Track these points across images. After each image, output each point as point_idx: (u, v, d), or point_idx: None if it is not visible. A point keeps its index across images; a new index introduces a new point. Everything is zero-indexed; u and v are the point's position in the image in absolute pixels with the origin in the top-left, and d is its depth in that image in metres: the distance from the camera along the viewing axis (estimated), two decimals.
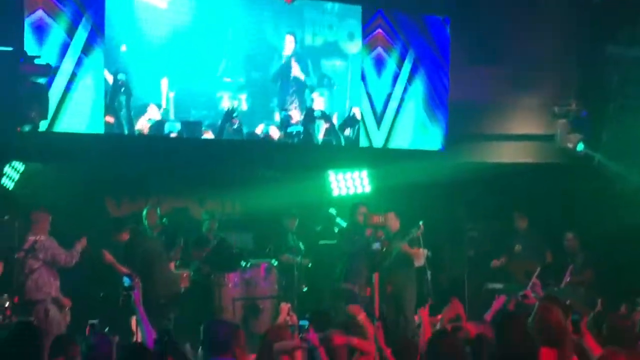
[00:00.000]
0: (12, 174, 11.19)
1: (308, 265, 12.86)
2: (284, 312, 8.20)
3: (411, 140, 13.72)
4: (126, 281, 10.21)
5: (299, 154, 12.95)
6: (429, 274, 11.82)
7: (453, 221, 13.60)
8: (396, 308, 11.68)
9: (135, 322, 9.71)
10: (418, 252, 11.72)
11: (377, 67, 13.47)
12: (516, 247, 13.12)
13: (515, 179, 13.13)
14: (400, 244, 11.75)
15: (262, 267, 12.29)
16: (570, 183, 13.11)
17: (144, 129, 11.90)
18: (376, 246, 11.64)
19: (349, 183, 13.41)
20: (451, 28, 13.80)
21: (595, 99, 13.33)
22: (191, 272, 12.07)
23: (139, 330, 7.21)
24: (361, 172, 13.43)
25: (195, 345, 7.36)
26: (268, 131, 12.77)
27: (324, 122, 13.14)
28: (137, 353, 5.26)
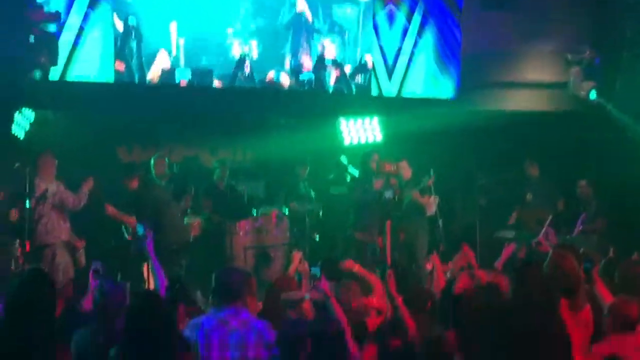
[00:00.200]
0: (23, 122, 11.17)
1: (319, 213, 12.86)
2: (296, 260, 8.18)
3: (423, 90, 13.58)
4: (140, 229, 10.25)
5: (310, 102, 12.89)
6: (441, 222, 11.85)
7: (464, 170, 13.53)
8: (408, 256, 11.70)
9: (147, 269, 9.80)
10: (429, 201, 11.73)
11: (389, 21, 13.29)
12: (527, 196, 13.04)
13: (527, 127, 13.03)
14: (411, 193, 11.75)
15: (274, 215, 12.26)
16: (582, 131, 13.02)
17: (154, 79, 11.85)
18: (388, 194, 11.58)
19: (361, 132, 13.34)
20: None
21: (609, 47, 13.16)
22: (202, 221, 12.08)
23: (151, 277, 7.21)
24: (372, 120, 13.36)
25: (206, 293, 7.38)
26: (279, 78, 12.69)
27: (335, 70, 13.06)
28: (150, 300, 5.25)
